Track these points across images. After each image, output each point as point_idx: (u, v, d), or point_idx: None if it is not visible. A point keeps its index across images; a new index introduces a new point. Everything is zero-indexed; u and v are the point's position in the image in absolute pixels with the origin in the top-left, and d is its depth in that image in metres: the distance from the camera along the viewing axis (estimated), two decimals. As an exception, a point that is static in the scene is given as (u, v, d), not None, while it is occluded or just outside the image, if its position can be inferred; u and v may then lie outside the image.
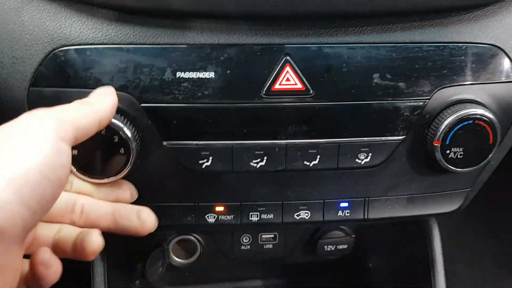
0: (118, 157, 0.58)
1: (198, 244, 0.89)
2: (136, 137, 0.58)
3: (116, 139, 0.57)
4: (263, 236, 0.91)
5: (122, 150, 0.58)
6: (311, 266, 1.03)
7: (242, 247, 0.90)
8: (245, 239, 0.89)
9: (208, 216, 0.67)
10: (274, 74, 0.59)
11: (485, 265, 1.21)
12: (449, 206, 0.72)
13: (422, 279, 0.85)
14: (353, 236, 0.92)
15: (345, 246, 0.92)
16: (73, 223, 0.57)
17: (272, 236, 0.91)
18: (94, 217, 0.58)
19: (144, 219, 0.59)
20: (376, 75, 0.61)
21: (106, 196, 0.60)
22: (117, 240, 0.81)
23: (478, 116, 0.60)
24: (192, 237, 0.89)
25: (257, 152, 0.62)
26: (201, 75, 0.59)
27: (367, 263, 1.00)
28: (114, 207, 0.59)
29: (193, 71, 0.58)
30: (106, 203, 0.59)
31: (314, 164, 0.64)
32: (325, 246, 0.91)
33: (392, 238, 0.93)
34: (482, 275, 1.20)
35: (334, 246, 0.92)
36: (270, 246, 0.92)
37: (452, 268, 1.21)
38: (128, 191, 0.62)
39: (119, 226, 0.58)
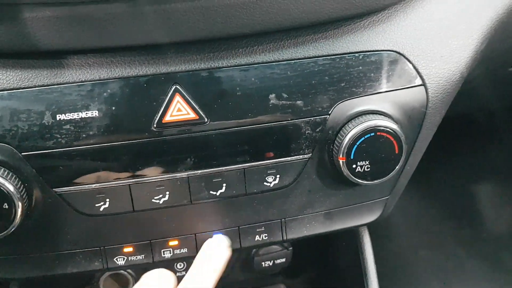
0: (3, 212, 0.54)
1: (130, 277, 0.86)
2: (21, 188, 0.54)
3: (-3, 195, 0.53)
4: (198, 259, 0.88)
5: (6, 205, 0.54)
6: (257, 279, 1.01)
7: (178, 274, 0.87)
8: (180, 266, 0.86)
9: (117, 259, 0.64)
10: (163, 106, 0.56)
11: (446, 246, 1.23)
12: (369, 217, 0.70)
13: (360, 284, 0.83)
14: (290, 248, 0.90)
15: (283, 260, 0.90)
16: None
17: (208, 258, 0.88)
18: None
19: None
20: (272, 96, 0.58)
21: None
22: (39, 283, 0.78)
23: (380, 127, 0.59)
24: (123, 271, 0.85)
25: (158, 188, 0.59)
26: (83, 115, 0.55)
27: (310, 272, 0.98)
28: None
29: (75, 112, 0.55)
30: None
31: (221, 192, 0.61)
32: (262, 263, 0.89)
33: (328, 246, 0.92)
34: (444, 256, 1.21)
35: (272, 261, 0.90)
36: (207, 269, 0.89)
37: (415, 253, 1.22)
38: None
39: None
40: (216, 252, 0.62)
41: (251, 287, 0.99)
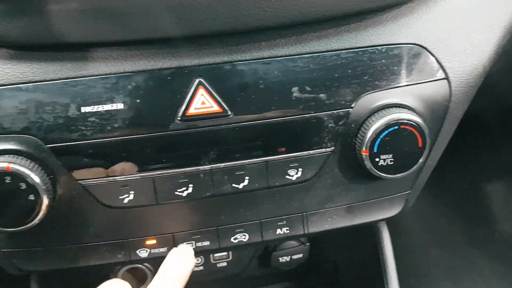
0: (29, 204, 0.54)
1: (148, 271, 0.86)
2: (46, 180, 0.55)
3: (24, 186, 0.53)
4: (216, 254, 0.88)
5: (31, 197, 0.54)
6: (272, 275, 1.01)
7: (195, 268, 0.87)
8: (196, 260, 0.86)
9: (140, 251, 0.64)
10: (187, 99, 0.56)
11: (457, 246, 1.22)
12: (390, 211, 0.70)
13: (377, 281, 0.83)
14: (308, 244, 0.90)
15: (300, 255, 0.90)
16: None
17: (225, 253, 0.88)
18: None
19: None
20: (295, 89, 0.58)
21: None
22: (60, 276, 0.78)
23: (404, 120, 0.58)
24: (141, 265, 0.86)
25: (181, 181, 0.59)
26: (108, 107, 0.55)
27: (327, 269, 0.98)
28: None
29: (100, 104, 0.55)
30: None
31: (244, 185, 0.61)
32: (280, 258, 0.89)
33: (346, 241, 0.91)
34: (455, 255, 1.20)
35: (289, 256, 0.90)
36: (224, 264, 0.90)
37: (426, 252, 1.21)
38: None
39: None
40: (180, 261, 0.61)
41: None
